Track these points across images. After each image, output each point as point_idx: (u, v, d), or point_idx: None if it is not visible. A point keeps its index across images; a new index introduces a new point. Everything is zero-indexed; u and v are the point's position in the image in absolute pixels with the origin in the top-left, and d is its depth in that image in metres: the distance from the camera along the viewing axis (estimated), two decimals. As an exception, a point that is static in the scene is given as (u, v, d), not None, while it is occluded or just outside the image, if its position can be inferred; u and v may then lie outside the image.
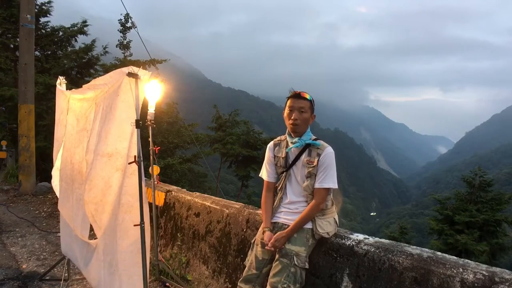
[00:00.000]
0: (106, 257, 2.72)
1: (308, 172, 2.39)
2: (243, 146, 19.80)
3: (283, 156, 2.50)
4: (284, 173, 2.50)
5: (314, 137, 2.46)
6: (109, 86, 2.69)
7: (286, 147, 2.50)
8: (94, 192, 2.71)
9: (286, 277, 2.25)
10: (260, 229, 2.59)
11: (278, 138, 2.63)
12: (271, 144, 2.63)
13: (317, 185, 2.36)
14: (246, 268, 2.52)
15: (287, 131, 2.52)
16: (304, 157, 2.42)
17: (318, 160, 2.36)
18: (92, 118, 2.92)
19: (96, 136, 2.74)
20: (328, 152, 2.38)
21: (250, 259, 2.53)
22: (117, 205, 2.62)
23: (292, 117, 2.39)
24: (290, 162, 2.48)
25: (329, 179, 2.35)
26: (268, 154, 2.62)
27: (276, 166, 2.57)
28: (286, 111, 2.44)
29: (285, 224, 2.44)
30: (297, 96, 2.41)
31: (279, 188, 2.56)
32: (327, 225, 2.41)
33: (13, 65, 13.53)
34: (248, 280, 2.46)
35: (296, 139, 2.42)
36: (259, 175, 2.72)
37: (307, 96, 2.41)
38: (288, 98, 2.45)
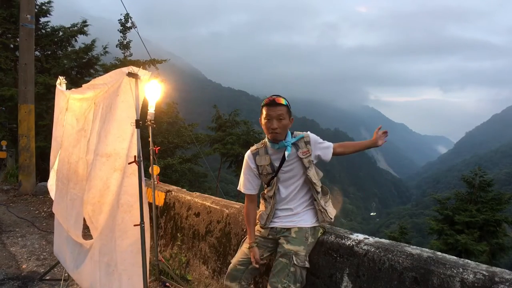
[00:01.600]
0: (103, 257, 2.70)
1: (308, 161, 2.40)
2: (243, 146, 19.80)
3: (268, 163, 2.43)
4: (274, 178, 2.44)
5: (295, 133, 2.47)
6: (109, 86, 2.69)
7: (266, 153, 2.44)
8: (93, 193, 2.71)
9: (286, 277, 2.24)
10: (247, 239, 2.54)
11: (255, 147, 2.52)
12: (249, 154, 2.50)
13: (331, 150, 2.49)
14: (232, 265, 2.50)
15: (266, 137, 2.44)
16: (293, 153, 2.40)
17: (310, 146, 2.42)
18: (91, 118, 2.92)
19: (96, 136, 2.74)
20: (311, 135, 2.47)
21: (237, 256, 2.53)
22: (116, 205, 2.61)
23: (272, 127, 2.29)
24: (277, 166, 2.42)
25: (328, 144, 2.50)
26: (248, 165, 2.49)
27: (261, 176, 2.48)
28: (264, 120, 2.33)
29: (284, 228, 2.43)
30: (273, 103, 2.30)
31: (270, 193, 2.46)
32: (331, 210, 2.49)
33: (13, 65, 13.52)
34: (233, 277, 2.45)
35: (282, 144, 2.36)
36: (238, 189, 2.61)
37: (283, 101, 2.31)
38: (263, 106, 2.33)
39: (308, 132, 2.49)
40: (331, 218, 2.46)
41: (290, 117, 2.38)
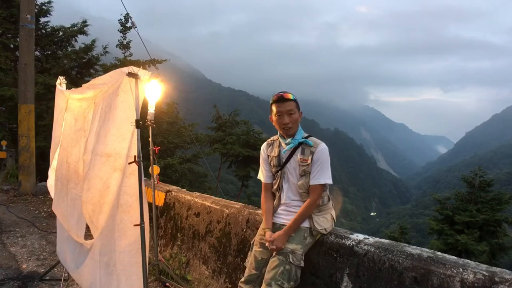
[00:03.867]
0: (102, 257, 2.70)
1: (303, 170, 2.39)
2: (243, 146, 19.81)
3: (276, 155, 2.52)
4: (279, 172, 2.50)
5: (306, 134, 2.46)
6: (109, 86, 2.69)
7: (279, 146, 2.52)
8: (92, 193, 2.70)
9: (280, 274, 2.24)
10: (260, 229, 2.59)
11: (271, 138, 2.63)
12: (264, 144, 2.65)
13: (312, 182, 2.36)
14: (247, 269, 2.52)
15: (278, 132, 2.53)
16: (297, 155, 2.42)
17: (311, 158, 2.36)
18: (91, 118, 2.92)
19: (94, 136, 2.73)
20: (322, 148, 2.37)
21: (249, 260, 2.54)
22: (116, 205, 2.61)
23: (284, 122, 2.38)
24: (284, 161, 2.48)
25: (324, 175, 2.34)
26: (262, 154, 2.64)
27: (270, 166, 2.58)
28: (274, 116, 2.43)
29: (283, 224, 2.44)
30: (281, 99, 2.39)
31: (275, 187, 2.55)
32: (324, 221, 2.42)
33: (13, 65, 13.53)
34: (248, 281, 2.46)
35: (289, 140, 2.44)
36: (258, 177, 2.72)
37: (291, 96, 2.39)
38: (272, 103, 2.43)
39: (321, 146, 2.39)
40: (319, 229, 2.39)
41: (299, 111, 2.43)
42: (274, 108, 2.42)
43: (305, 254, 2.37)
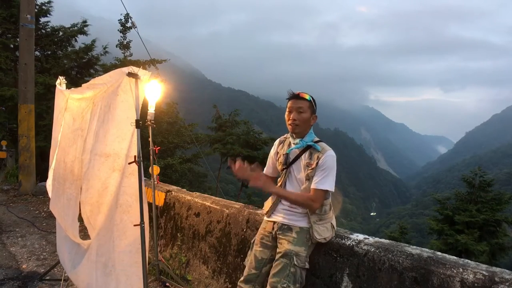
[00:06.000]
0: (100, 258, 2.69)
1: (307, 174, 2.36)
2: (243, 146, 19.80)
3: (284, 153, 2.51)
4: (285, 170, 2.50)
5: (317, 139, 2.43)
6: (108, 86, 2.69)
7: (289, 145, 2.51)
8: (91, 193, 2.70)
9: (285, 277, 2.24)
10: (260, 228, 2.59)
11: (285, 135, 2.61)
12: (277, 140, 2.63)
13: (312, 185, 2.32)
14: (246, 268, 2.52)
15: (290, 132, 2.51)
16: (304, 158, 2.40)
17: (317, 163, 2.33)
18: (89, 117, 2.91)
19: (93, 135, 2.73)
20: (328, 155, 2.32)
21: (249, 259, 2.53)
22: (114, 205, 2.60)
23: (291, 118, 2.38)
24: (290, 161, 2.47)
25: (325, 181, 2.29)
26: (272, 149, 2.64)
27: (277, 162, 2.57)
28: (286, 112, 2.44)
29: (285, 224, 2.43)
30: (295, 97, 2.40)
31: (279, 184, 2.54)
32: (324, 231, 2.38)
33: (13, 65, 13.51)
34: (248, 280, 2.46)
35: (297, 140, 2.42)
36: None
37: (306, 97, 2.38)
38: (287, 100, 2.44)
39: (329, 152, 2.34)
40: (318, 239, 2.34)
41: (313, 113, 2.42)
42: (287, 105, 2.43)
43: None
